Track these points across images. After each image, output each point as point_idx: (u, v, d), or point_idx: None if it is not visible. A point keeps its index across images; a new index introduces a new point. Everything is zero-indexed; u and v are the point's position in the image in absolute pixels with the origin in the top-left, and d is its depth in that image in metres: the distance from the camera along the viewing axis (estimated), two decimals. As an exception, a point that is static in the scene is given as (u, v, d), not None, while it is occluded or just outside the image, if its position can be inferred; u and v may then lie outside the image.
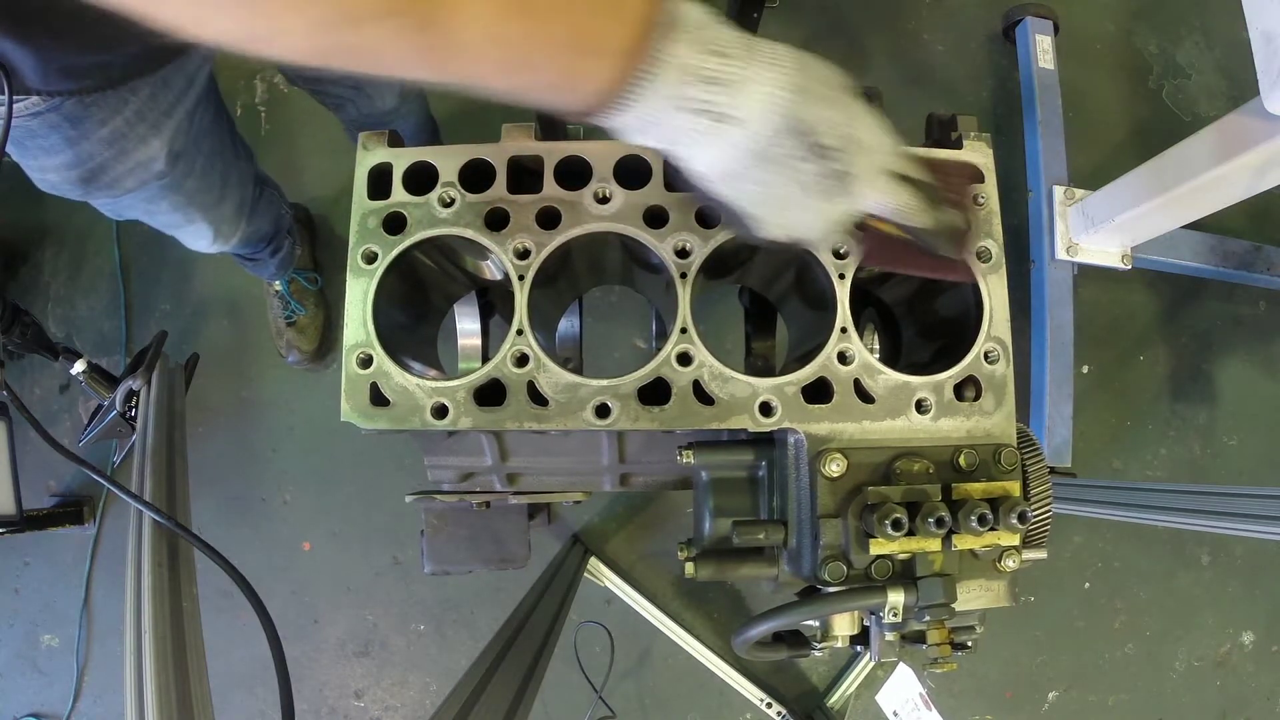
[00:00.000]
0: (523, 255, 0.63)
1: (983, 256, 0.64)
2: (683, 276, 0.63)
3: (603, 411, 0.61)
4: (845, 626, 0.64)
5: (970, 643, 0.63)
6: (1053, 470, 0.66)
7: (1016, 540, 0.58)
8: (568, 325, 1.00)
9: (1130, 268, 1.64)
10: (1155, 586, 1.81)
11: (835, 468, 0.59)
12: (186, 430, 0.93)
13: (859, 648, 0.66)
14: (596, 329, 1.76)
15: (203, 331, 1.78)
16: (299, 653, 1.69)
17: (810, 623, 0.66)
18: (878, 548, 0.56)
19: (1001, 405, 0.63)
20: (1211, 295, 1.90)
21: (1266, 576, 1.83)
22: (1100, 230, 1.57)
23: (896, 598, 0.56)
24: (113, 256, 1.78)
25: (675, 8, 0.45)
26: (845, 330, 0.63)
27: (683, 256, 0.64)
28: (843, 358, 0.62)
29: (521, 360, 0.62)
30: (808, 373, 0.62)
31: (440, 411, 0.61)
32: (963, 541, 0.57)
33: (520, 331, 0.62)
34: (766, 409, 0.61)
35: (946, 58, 1.95)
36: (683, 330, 0.62)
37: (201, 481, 1.61)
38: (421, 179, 0.65)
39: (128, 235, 1.79)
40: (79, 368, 1.16)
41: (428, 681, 1.71)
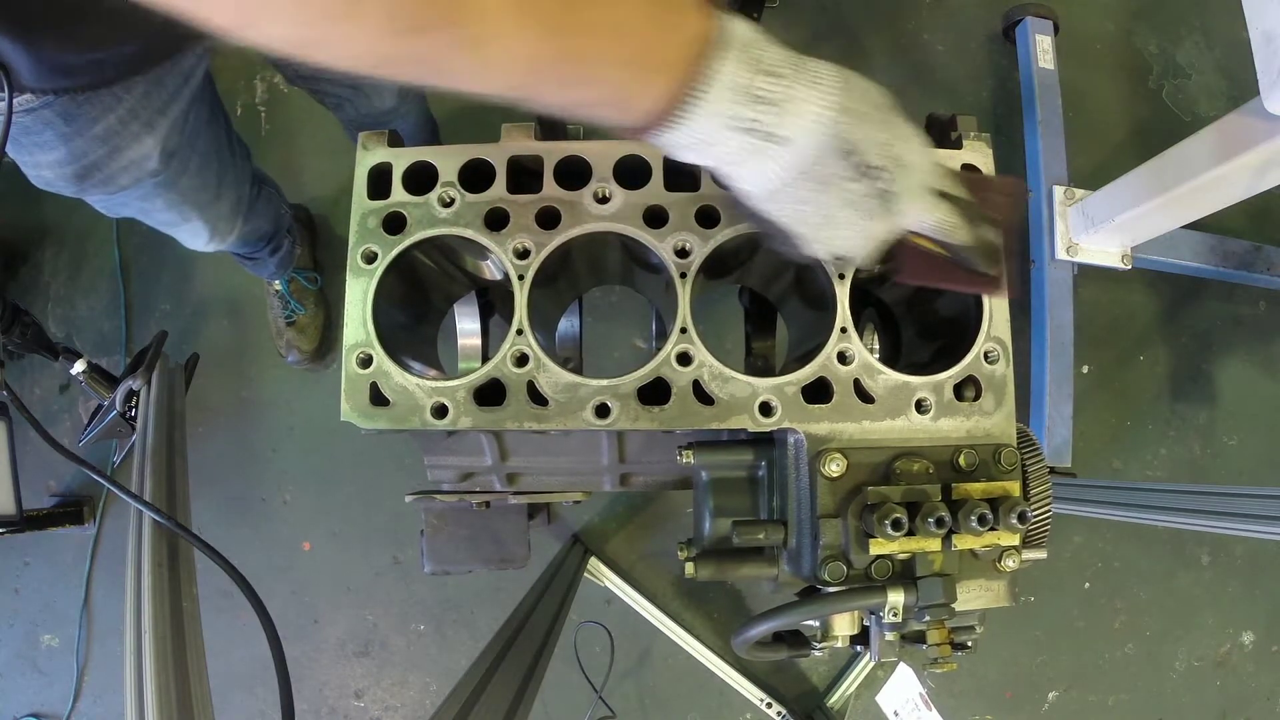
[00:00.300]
0: (522, 255, 0.63)
1: (983, 256, 0.64)
2: (682, 276, 0.63)
3: (603, 411, 0.61)
4: (845, 626, 0.64)
5: (970, 643, 0.63)
6: (1053, 470, 0.66)
7: (1016, 540, 0.58)
8: (568, 325, 1.00)
9: (1130, 268, 1.64)
10: (1155, 586, 1.81)
11: (835, 468, 0.59)
12: (186, 430, 0.93)
13: (859, 648, 0.66)
14: (596, 329, 1.76)
15: (203, 331, 1.78)
16: (299, 653, 1.69)
17: (810, 623, 0.66)
18: (878, 548, 0.56)
19: (1001, 405, 0.63)
20: (1211, 295, 1.90)
21: (1266, 576, 1.83)
22: (1100, 230, 1.57)
23: (896, 598, 0.56)
24: (113, 256, 1.78)
25: (729, 25, 0.45)
26: (845, 330, 0.63)
27: (682, 256, 0.64)
28: (843, 358, 0.62)
29: (521, 360, 0.62)
30: (808, 373, 0.62)
31: (440, 411, 0.61)
32: (963, 541, 0.57)
33: (520, 331, 0.62)
34: (766, 409, 0.61)
35: (946, 58, 1.95)
36: (683, 330, 0.62)
37: (201, 481, 1.61)
38: (421, 179, 0.65)
39: (128, 235, 1.79)
40: (79, 368, 1.16)
41: (428, 681, 1.71)
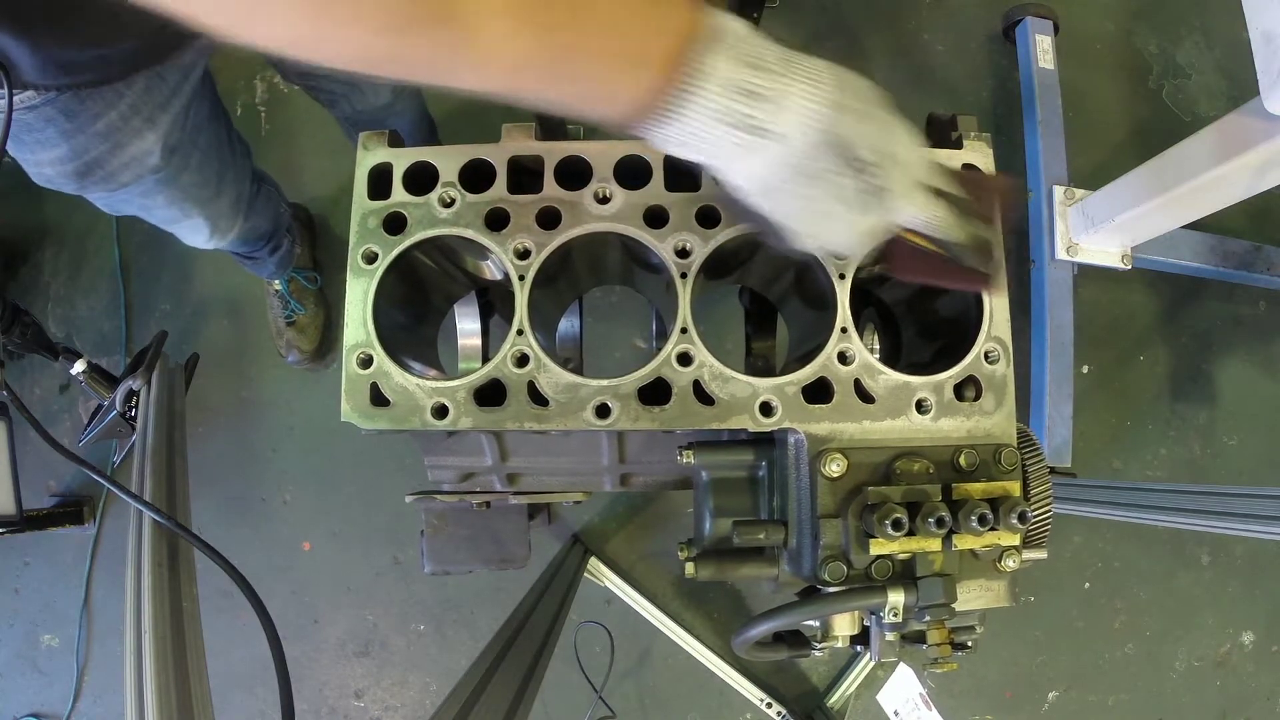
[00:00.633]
0: (523, 255, 0.63)
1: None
2: (683, 276, 0.63)
3: (603, 411, 0.61)
4: (845, 626, 0.64)
5: (970, 643, 0.63)
6: (1053, 470, 0.66)
7: (1017, 540, 0.58)
8: (568, 325, 1.00)
9: (1130, 268, 1.64)
10: (1155, 586, 1.81)
11: (835, 468, 0.59)
12: (186, 430, 0.93)
13: (859, 648, 0.66)
14: (596, 329, 1.76)
15: (203, 331, 1.78)
16: (299, 653, 1.69)
17: (810, 623, 0.66)
18: (878, 548, 0.56)
19: (1001, 405, 0.63)
20: (1211, 295, 1.90)
21: (1266, 576, 1.83)
22: (1100, 230, 1.57)
23: (897, 598, 0.56)
24: (113, 256, 1.78)
25: (717, 21, 0.45)
26: (845, 330, 0.63)
27: (683, 256, 0.64)
28: (843, 358, 0.62)
29: (522, 360, 0.62)
30: (808, 373, 0.62)
31: (440, 412, 0.61)
32: (963, 541, 0.57)
33: (520, 331, 0.62)
34: (767, 409, 0.61)
35: (946, 58, 1.95)
36: (683, 330, 0.62)
37: (201, 481, 1.61)
38: (421, 179, 0.65)
39: (128, 235, 1.79)
40: (79, 368, 1.16)
41: (428, 681, 1.71)
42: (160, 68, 0.83)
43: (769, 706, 1.65)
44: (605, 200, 0.64)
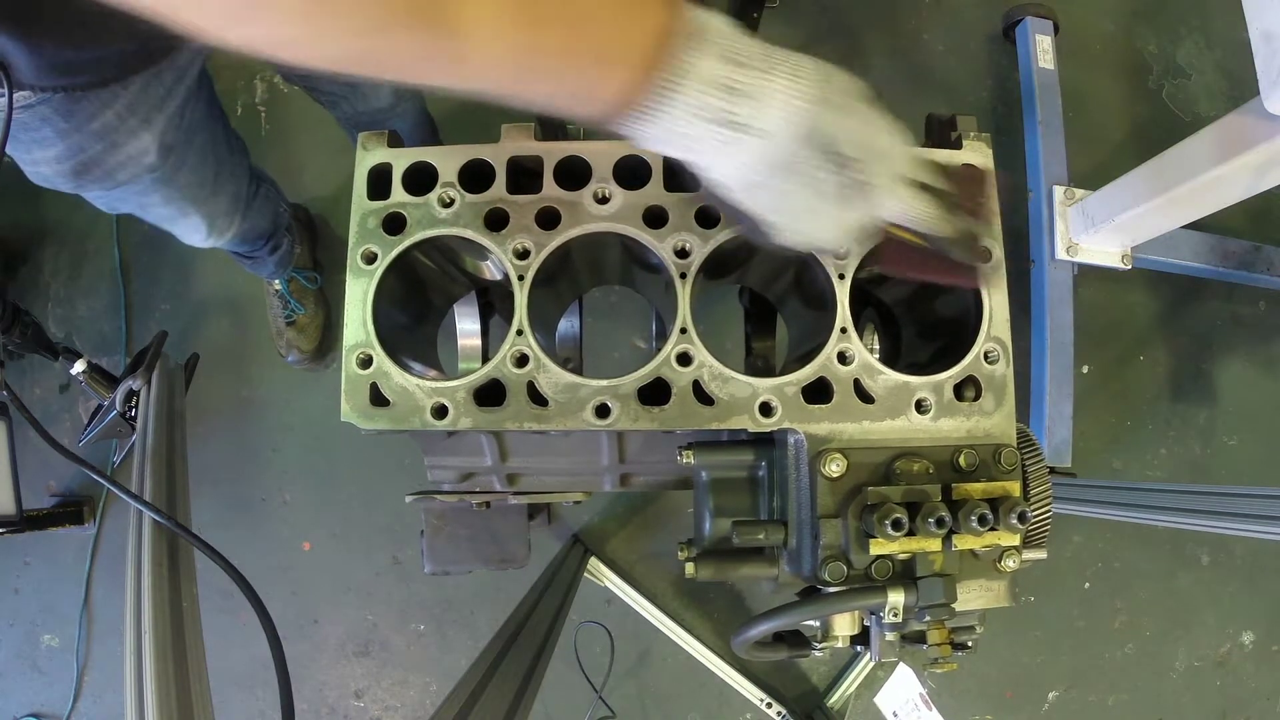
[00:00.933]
0: (522, 255, 0.63)
1: (982, 257, 0.64)
2: (682, 277, 0.63)
3: (603, 411, 0.61)
4: (845, 626, 0.64)
5: (970, 643, 0.63)
6: (1053, 470, 0.66)
7: (1016, 540, 0.58)
8: (568, 325, 1.00)
9: (1130, 268, 1.64)
10: (1155, 586, 1.81)
11: (835, 468, 0.59)
12: (186, 430, 0.93)
13: (859, 648, 0.66)
14: (596, 329, 1.76)
15: (203, 331, 1.78)
16: (299, 653, 1.69)
17: (810, 623, 0.66)
18: (878, 548, 0.56)
19: (1001, 405, 0.63)
20: (1211, 295, 1.90)
21: (1266, 576, 1.83)
22: (1100, 230, 1.57)
23: (897, 598, 0.56)
24: (113, 256, 1.78)
25: (696, 17, 0.45)
26: (845, 330, 0.63)
27: (682, 257, 0.64)
28: (843, 358, 0.62)
29: (521, 360, 0.62)
30: (808, 373, 0.62)
31: (440, 412, 0.61)
32: (963, 541, 0.57)
33: (520, 332, 0.62)
34: (766, 409, 0.61)
35: (946, 58, 1.95)
36: (682, 330, 0.62)
37: (201, 481, 1.61)
38: (421, 179, 0.65)
39: (128, 235, 1.79)
40: (79, 368, 1.16)
41: (428, 681, 1.71)
42: (157, 69, 0.84)
43: (769, 706, 1.65)
44: (605, 200, 0.64)
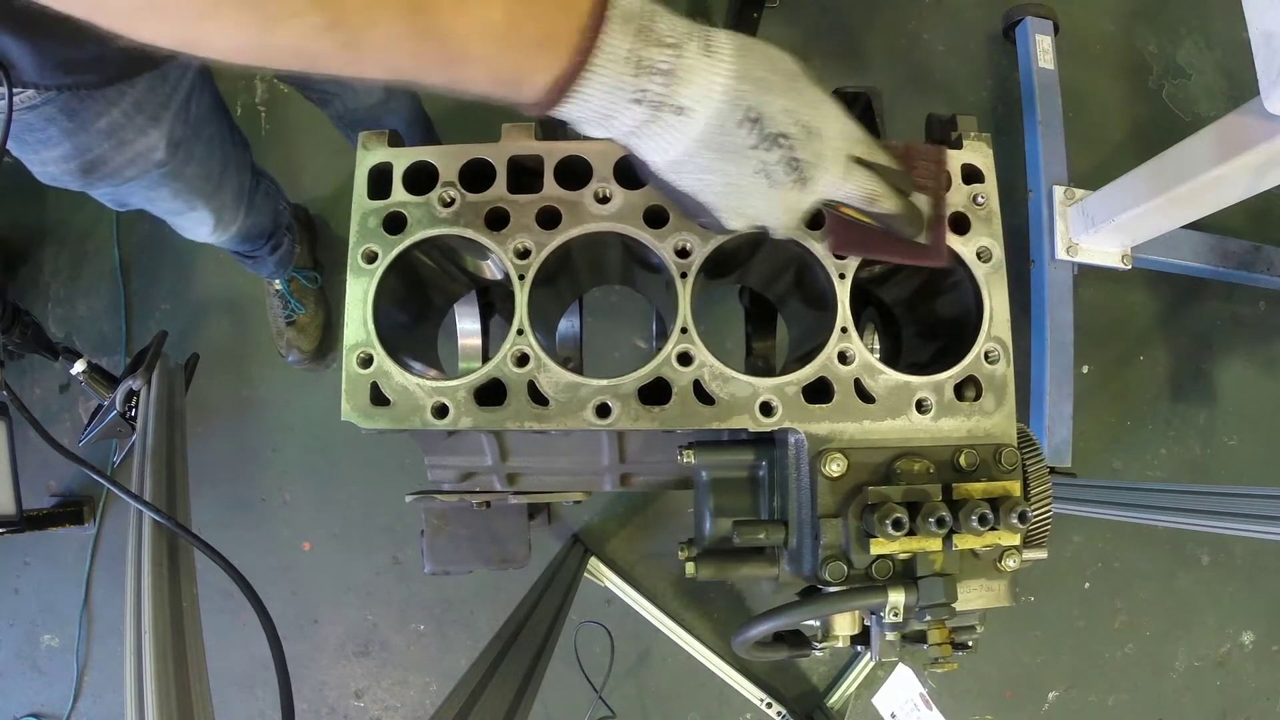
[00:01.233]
0: (523, 255, 0.63)
1: (983, 256, 0.64)
2: (683, 276, 0.63)
3: (603, 411, 0.61)
4: (846, 626, 0.64)
5: (971, 642, 0.63)
6: (1053, 470, 0.66)
7: (1017, 540, 0.58)
8: (568, 325, 1.00)
9: (1130, 268, 1.64)
10: (1155, 586, 1.81)
11: (836, 467, 0.59)
12: (186, 430, 0.93)
13: (859, 647, 0.66)
14: (597, 329, 1.76)
15: (203, 331, 1.78)
16: (299, 653, 1.69)
17: (811, 623, 0.66)
18: (878, 547, 0.56)
19: (1002, 405, 0.63)
20: (1211, 295, 1.90)
21: (1266, 576, 1.83)
22: (1100, 230, 1.57)
23: (897, 597, 0.56)
24: (113, 256, 1.78)
25: (622, 1, 0.45)
26: (846, 330, 0.63)
27: (683, 256, 0.64)
28: (843, 358, 0.62)
29: (522, 360, 0.62)
30: (808, 372, 0.62)
31: (440, 411, 0.61)
32: (963, 541, 0.57)
33: (520, 331, 0.62)
34: (767, 409, 0.61)
35: (946, 58, 1.95)
36: (683, 330, 0.62)
37: (201, 481, 1.60)
38: (421, 179, 0.65)
39: (128, 235, 1.79)
40: (79, 368, 1.16)
41: (428, 681, 1.71)
42: (163, 68, 0.84)
43: (769, 706, 1.65)
44: (605, 200, 0.64)
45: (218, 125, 1.05)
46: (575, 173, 0.65)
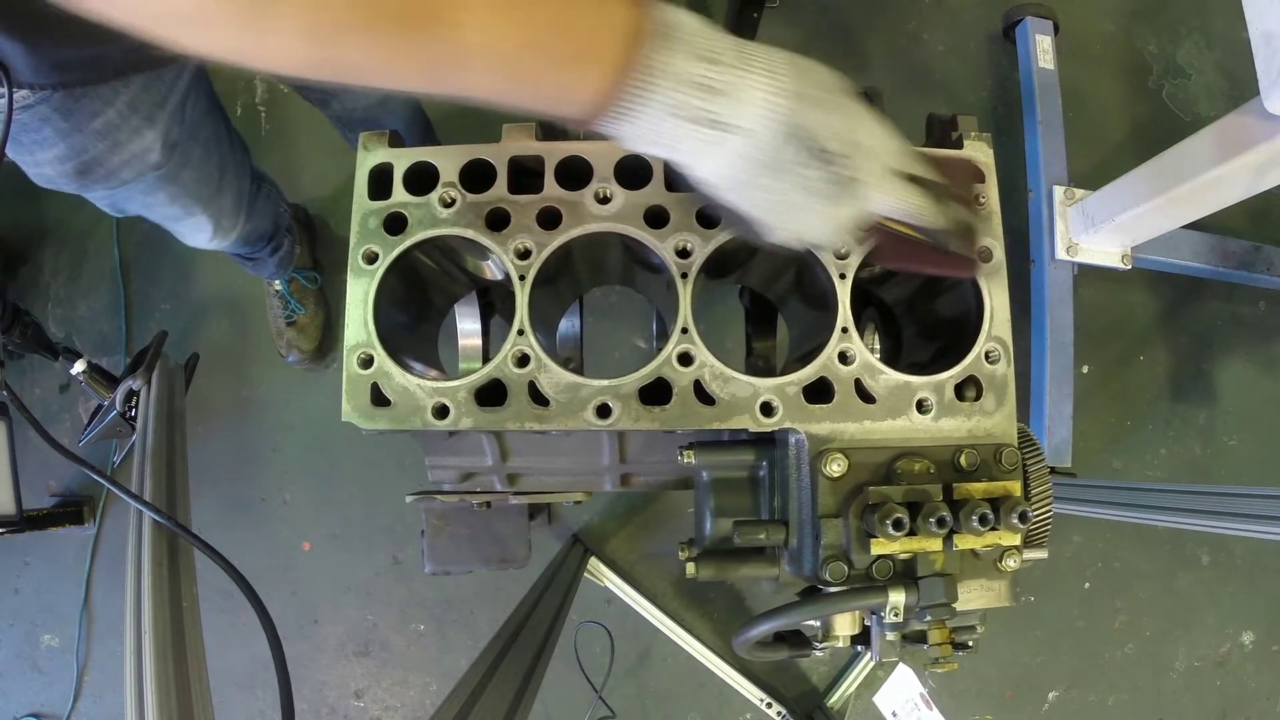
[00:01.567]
0: (523, 255, 0.63)
1: (983, 256, 0.64)
2: (683, 276, 0.63)
3: (604, 411, 0.61)
4: (846, 626, 0.64)
5: (971, 642, 0.63)
6: (1053, 470, 0.66)
7: (1017, 540, 0.58)
8: (568, 325, 1.00)
9: (1130, 268, 1.64)
10: (1155, 586, 1.81)
11: (836, 468, 0.59)
12: (186, 430, 0.93)
13: (860, 647, 0.66)
14: (597, 329, 1.76)
15: (203, 331, 1.78)
16: (299, 653, 1.69)
17: (811, 623, 0.66)
18: (879, 548, 0.56)
19: (1002, 405, 0.63)
20: (1211, 295, 1.90)
21: (1266, 576, 1.83)
22: (1100, 230, 1.57)
23: (898, 597, 0.56)
24: (113, 256, 1.78)
25: (666, 16, 0.45)
26: (846, 330, 0.63)
27: (683, 256, 0.64)
28: (844, 358, 0.62)
29: (522, 360, 0.62)
30: (809, 373, 0.62)
31: (441, 412, 0.61)
32: (964, 541, 0.57)
33: (521, 332, 0.62)
34: (768, 409, 0.61)
35: (946, 58, 1.95)
36: (683, 330, 0.62)
37: (201, 481, 1.60)
38: (422, 179, 0.65)
39: (128, 235, 1.79)
40: (79, 368, 1.16)
41: (428, 681, 1.71)
42: (158, 68, 0.83)
43: (769, 706, 1.65)
44: (606, 200, 0.64)
45: (215, 128, 1.05)
46: (576, 173, 0.65)
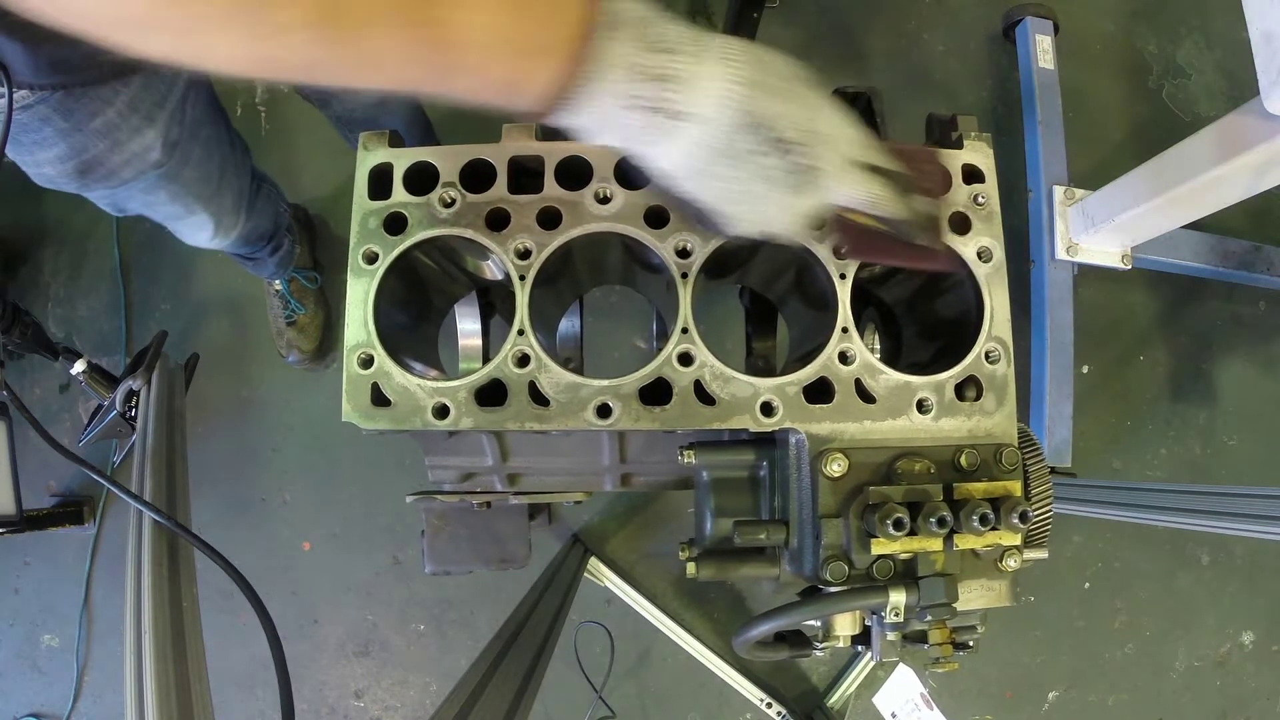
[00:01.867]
0: (523, 255, 0.63)
1: (983, 256, 0.64)
2: (684, 276, 0.63)
3: (604, 412, 0.61)
4: (847, 626, 0.64)
5: (971, 642, 0.63)
6: (1053, 470, 0.66)
7: (1018, 540, 0.58)
8: (568, 325, 1.00)
9: (1130, 268, 1.64)
10: (1155, 586, 1.81)
11: (837, 468, 0.59)
12: (186, 430, 0.93)
13: (860, 647, 0.66)
14: (597, 329, 1.76)
15: (203, 331, 1.78)
16: (299, 653, 1.69)
17: (812, 623, 0.66)
18: (879, 548, 0.56)
19: (1002, 405, 0.63)
20: (1211, 295, 1.90)
21: (1266, 576, 1.83)
22: (1100, 230, 1.57)
23: (898, 597, 0.56)
24: (113, 256, 1.78)
25: (616, 6, 0.45)
26: (846, 330, 0.63)
27: (683, 256, 0.64)
28: (844, 358, 0.62)
29: (522, 360, 0.62)
30: (809, 373, 0.62)
31: (441, 412, 0.61)
32: (964, 541, 0.57)
33: (521, 332, 0.62)
34: (768, 409, 0.61)
35: (946, 58, 1.95)
36: (684, 330, 0.62)
37: (201, 481, 1.60)
38: (422, 179, 0.65)
39: (128, 235, 1.79)
40: (79, 368, 1.16)
41: (428, 681, 1.71)
42: (159, 69, 0.84)
43: (769, 706, 1.65)
44: (606, 200, 0.64)
45: (215, 127, 1.05)
46: (576, 173, 0.65)
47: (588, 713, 1.53)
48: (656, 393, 0.62)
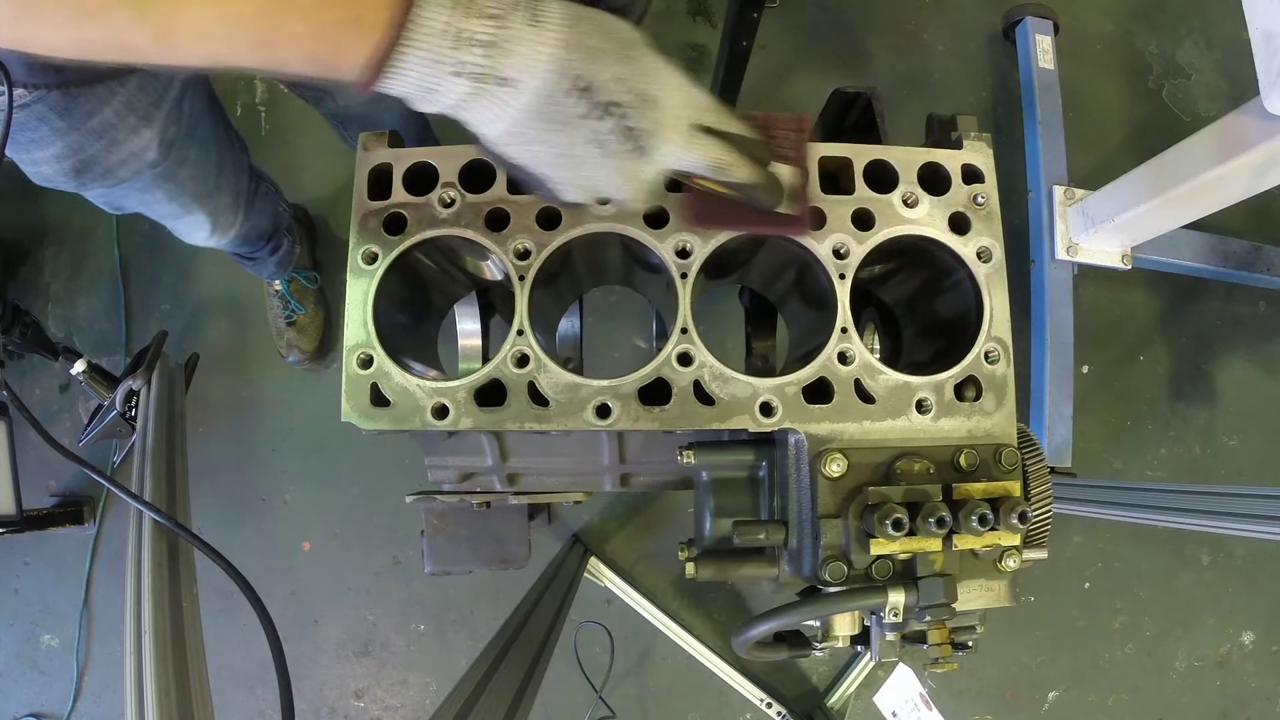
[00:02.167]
0: (523, 256, 0.63)
1: (983, 256, 0.65)
2: (683, 277, 0.63)
3: (603, 412, 0.61)
4: (846, 626, 0.64)
5: (971, 642, 0.63)
6: (1053, 470, 0.66)
7: (1017, 540, 0.58)
8: (568, 325, 1.00)
9: (1130, 268, 1.64)
10: (1155, 586, 1.81)
11: (836, 468, 0.59)
12: (186, 430, 0.93)
13: (859, 648, 0.66)
14: (597, 329, 1.76)
15: (203, 331, 1.78)
16: (299, 653, 1.69)
17: (811, 623, 0.66)
18: (878, 548, 0.56)
19: (1002, 405, 0.63)
20: (1211, 295, 1.90)
21: (1266, 576, 1.83)
22: (1100, 230, 1.57)
23: (897, 598, 0.56)
24: (113, 256, 1.78)
25: None
26: (846, 330, 0.63)
27: (683, 257, 0.64)
28: (843, 358, 0.62)
29: (522, 360, 0.62)
30: (808, 373, 0.62)
31: (441, 412, 0.61)
32: (963, 541, 0.57)
33: (521, 332, 0.62)
34: (767, 409, 0.61)
35: (946, 58, 1.95)
36: (683, 330, 0.62)
37: (201, 481, 1.61)
38: (422, 179, 0.65)
39: (128, 235, 1.79)
40: (79, 368, 1.16)
41: (428, 681, 1.71)
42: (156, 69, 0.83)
43: (769, 706, 1.65)
44: (605, 200, 0.64)
45: (213, 126, 1.05)
46: (575, 173, 0.65)
47: (588, 713, 1.53)
48: (656, 393, 0.62)
